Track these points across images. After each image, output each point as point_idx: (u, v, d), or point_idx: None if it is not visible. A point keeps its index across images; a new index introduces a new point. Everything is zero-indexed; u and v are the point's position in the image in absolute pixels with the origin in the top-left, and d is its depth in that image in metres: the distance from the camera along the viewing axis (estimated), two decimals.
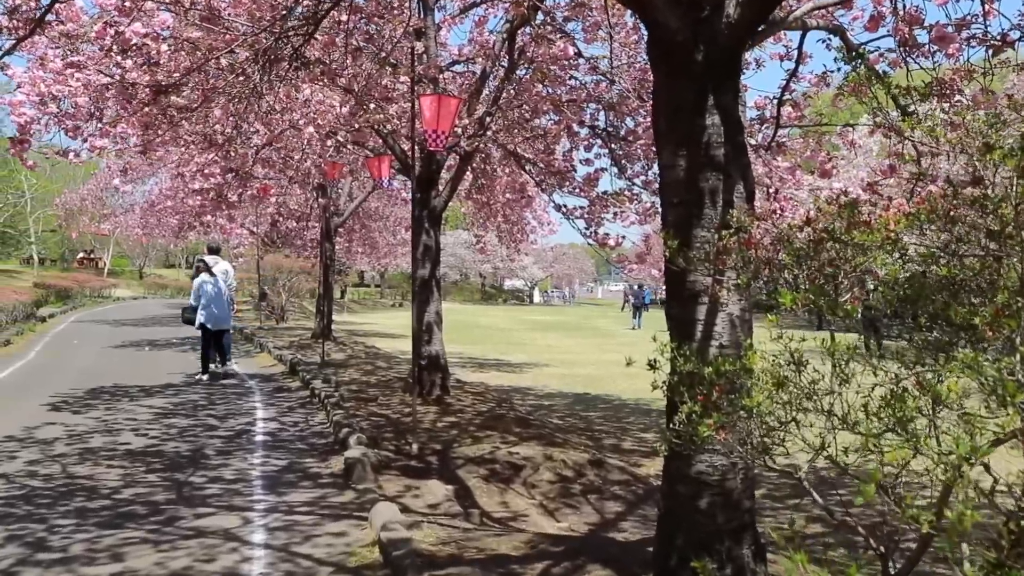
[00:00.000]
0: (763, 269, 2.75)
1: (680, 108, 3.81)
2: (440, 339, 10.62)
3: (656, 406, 12.76)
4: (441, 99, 6.68)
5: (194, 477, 7.10)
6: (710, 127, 3.77)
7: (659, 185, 4.01)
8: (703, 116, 3.76)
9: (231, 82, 6.28)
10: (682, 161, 3.79)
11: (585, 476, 7.63)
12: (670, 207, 3.88)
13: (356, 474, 6.94)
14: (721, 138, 3.77)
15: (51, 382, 12.64)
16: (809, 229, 2.59)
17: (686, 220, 3.78)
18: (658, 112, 3.95)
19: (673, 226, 3.80)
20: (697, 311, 3.79)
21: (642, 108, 9.24)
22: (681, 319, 3.85)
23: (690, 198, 3.78)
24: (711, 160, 3.75)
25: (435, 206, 10.28)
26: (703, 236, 3.76)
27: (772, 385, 2.51)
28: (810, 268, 2.69)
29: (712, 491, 3.81)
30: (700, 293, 3.78)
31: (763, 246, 2.80)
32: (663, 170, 3.92)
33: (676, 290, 3.87)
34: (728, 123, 3.78)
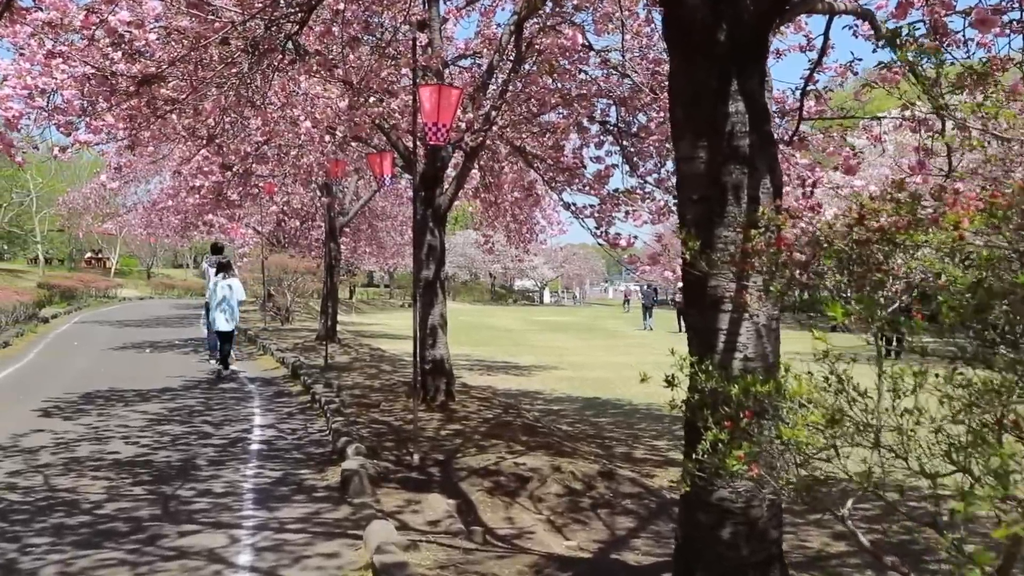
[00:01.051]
0: (799, 274, 2.36)
1: (700, 95, 3.43)
2: (445, 343, 10.24)
3: (667, 411, 12.36)
4: (441, 90, 6.29)
5: (182, 490, 6.73)
6: (734, 115, 3.39)
7: (676, 180, 3.63)
8: (726, 103, 3.38)
9: (220, 72, 5.92)
10: (702, 153, 3.41)
11: (595, 489, 7.25)
12: (689, 204, 3.50)
13: (353, 487, 6.57)
14: (746, 127, 3.39)
15: (46, 386, 12.32)
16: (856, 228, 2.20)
17: (707, 218, 3.40)
18: (675, 100, 3.57)
19: (692, 225, 3.42)
20: (719, 319, 3.41)
21: (655, 103, 8.86)
22: (701, 328, 3.47)
23: (711, 194, 3.40)
24: (735, 151, 3.37)
25: (439, 204, 9.91)
26: (726, 236, 3.38)
27: (823, 420, 2.12)
28: (854, 273, 2.30)
29: (736, 520, 3.42)
30: (723, 299, 3.40)
31: (797, 248, 2.41)
32: (681, 163, 3.54)
33: (696, 296, 3.49)
34: (753, 111, 3.40)
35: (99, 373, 13.94)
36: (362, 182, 20.25)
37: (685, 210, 3.53)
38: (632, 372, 13.64)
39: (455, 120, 6.62)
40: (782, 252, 2.43)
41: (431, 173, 9.78)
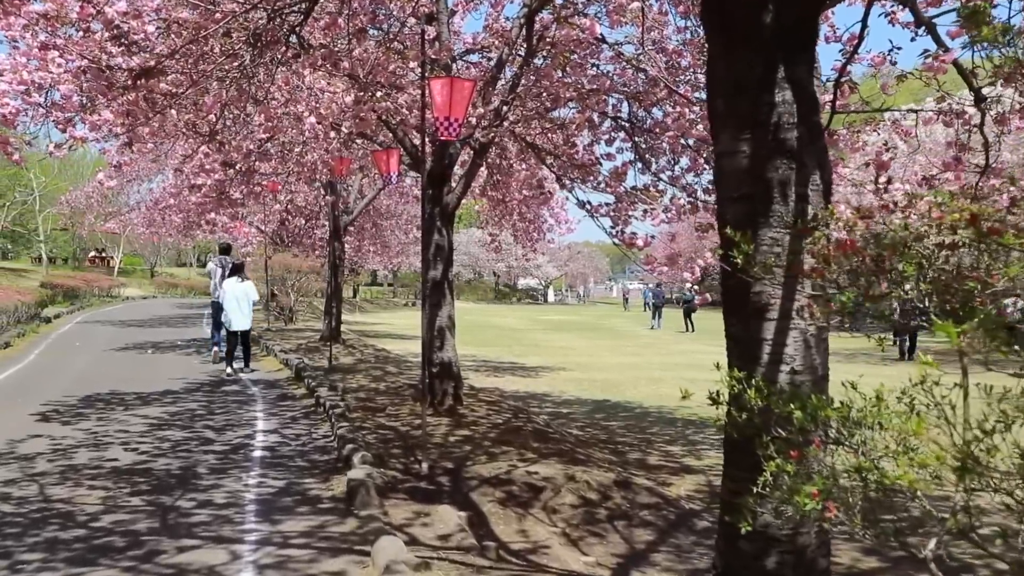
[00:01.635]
0: (877, 282, 2.07)
1: (743, 84, 3.15)
2: (453, 345, 9.96)
3: (680, 415, 12.10)
4: (454, 82, 5.99)
5: (182, 500, 6.46)
6: (780, 105, 3.10)
7: (715, 177, 3.34)
8: (771, 92, 3.09)
9: (220, 64, 5.64)
10: (745, 147, 3.12)
11: (611, 499, 6.97)
12: (729, 203, 3.21)
13: (360, 498, 6.29)
14: (793, 118, 3.10)
15: (45, 388, 12.06)
16: (942, 229, 1.91)
17: (749, 218, 3.12)
18: (715, 89, 3.29)
19: (733, 225, 3.12)
20: (763, 329, 3.13)
21: (670, 97, 8.56)
22: (743, 339, 3.18)
23: (755, 191, 3.11)
24: (781, 145, 3.09)
25: (447, 203, 9.61)
26: (771, 237, 3.09)
27: (955, 468, 1.82)
28: (939, 281, 2.02)
29: (782, 548, 3.13)
30: (767, 307, 3.11)
31: (870, 252, 2.12)
32: (720, 158, 3.26)
33: (737, 304, 3.20)
34: (801, 100, 3.11)
35: (100, 375, 13.68)
36: (366, 180, 19.96)
37: (725, 209, 3.24)
38: (641, 373, 13.53)
39: (467, 115, 6.34)
40: (853, 257, 2.15)
41: (439, 171, 9.50)
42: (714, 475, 8.52)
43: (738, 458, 3.19)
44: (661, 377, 16.60)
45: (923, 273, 1.99)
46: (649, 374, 17.10)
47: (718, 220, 3.32)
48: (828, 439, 2.25)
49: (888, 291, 2.02)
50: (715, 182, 3.35)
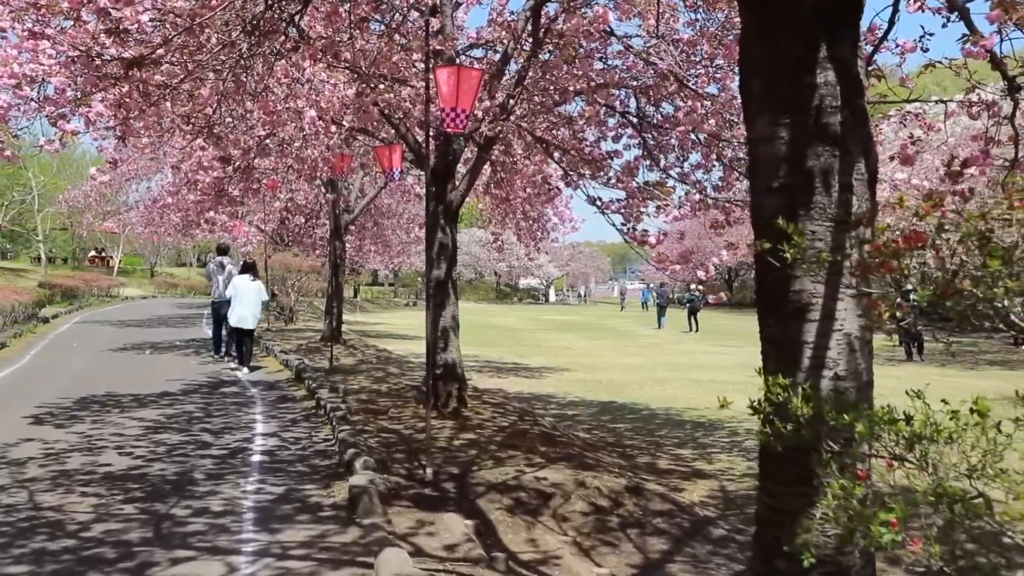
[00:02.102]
0: (958, 281, 1.82)
1: (782, 63, 2.89)
2: (457, 346, 9.70)
3: (688, 416, 11.86)
4: (461, 71, 5.73)
5: (177, 508, 6.20)
6: (822, 87, 2.85)
7: (749, 166, 3.09)
8: (812, 73, 2.84)
9: (216, 55, 5.39)
10: (783, 132, 2.87)
11: (623, 506, 6.72)
12: (765, 193, 2.96)
13: (362, 506, 6.04)
14: (837, 101, 2.85)
15: (40, 390, 11.81)
16: None
17: (788, 210, 2.86)
18: (749, 71, 3.04)
19: (769, 219, 2.87)
20: (804, 331, 2.88)
21: (681, 91, 8.32)
22: (781, 341, 2.93)
23: (794, 181, 2.86)
24: (823, 130, 2.84)
25: (451, 200, 9.36)
26: (813, 231, 2.84)
27: None
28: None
29: (824, 569, 2.87)
30: (808, 306, 2.86)
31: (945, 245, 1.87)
32: (756, 145, 3.01)
33: (774, 303, 2.95)
34: (845, 82, 2.86)
35: (96, 376, 13.42)
36: (368, 179, 19.71)
37: (760, 200, 2.99)
38: (645, 374, 13.27)
39: (475, 106, 6.08)
40: (918, 250, 1.89)
41: (442, 167, 9.25)
42: (727, 480, 8.28)
43: (777, 471, 2.94)
44: (666, 378, 16.37)
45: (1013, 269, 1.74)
46: (654, 375, 16.86)
47: (752, 212, 3.07)
48: (892, 455, 1.99)
49: (973, 287, 1.77)
50: (749, 171, 3.10)
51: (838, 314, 2.84)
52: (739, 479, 8.33)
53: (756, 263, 3.02)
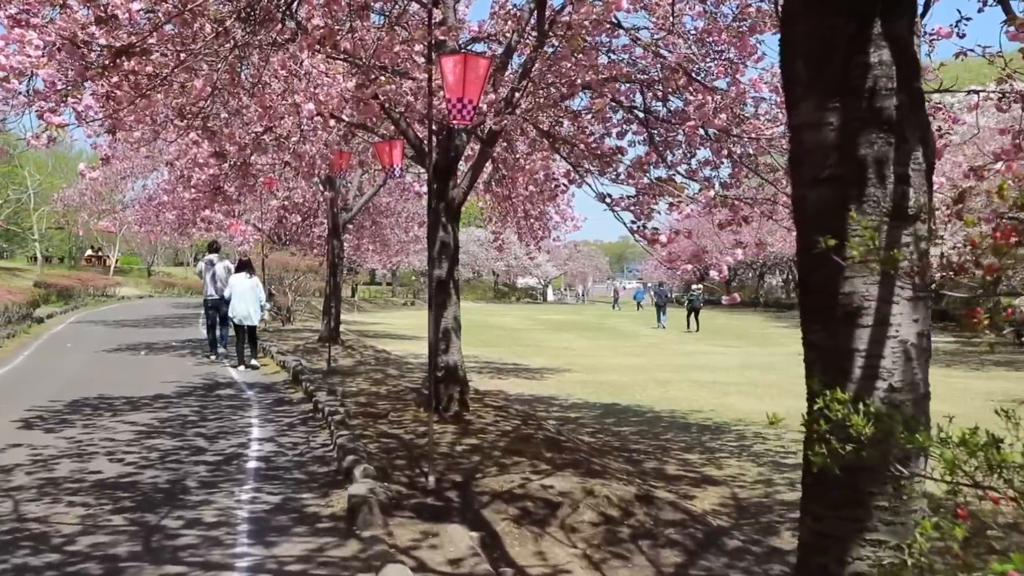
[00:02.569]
0: None
1: (831, 42, 2.62)
2: (458, 347, 9.42)
3: (693, 419, 11.61)
4: (467, 60, 5.43)
5: (168, 519, 5.92)
6: (876, 67, 2.58)
7: (791, 156, 2.82)
8: (865, 52, 2.57)
9: (209, 43, 5.11)
10: (833, 118, 2.60)
11: (633, 516, 6.44)
12: (811, 185, 2.69)
13: (362, 517, 5.76)
14: (892, 82, 2.58)
15: (31, 393, 11.52)
16: None
17: (837, 203, 2.59)
18: (793, 51, 2.76)
19: (815, 213, 2.60)
20: (855, 337, 2.60)
21: (690, 85, 8.04)
22: (828, 348, 2.66)
23: (844, 172, 2.59)
24: (877, 115, 2.57)
25: (453, 198, 9.08)
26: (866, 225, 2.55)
27: None
28: None
29: None
30: (860, 311, 2.58)
31: None
32: (800, 132, 2.73)
33: (821, 306, 2.67)
34: (901, 62, 2.59)
35: (89, 378, 13.14)
36: (366, 177, 19.43)
37: (805, 193, 2.72)
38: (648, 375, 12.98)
39: (482, 97, 5.80)
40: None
41: (444, 164, 8.97)
42: (738, 487, 8.02)
43: (823, 492, 2.66)
44: (669, 379, 16.11)
45: None
46: (656, 376, 16.61)
47: (795, 206, 2.79)
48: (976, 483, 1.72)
49: None
50: (792, 161, 2.82)
51: (893, 319, 2.57)
52: (751, 486, 8.07)
53: (800, 262, 2.75)
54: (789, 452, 9.51)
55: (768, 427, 11.23)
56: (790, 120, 2.79)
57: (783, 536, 6.62)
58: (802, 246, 2.72)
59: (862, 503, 2.54)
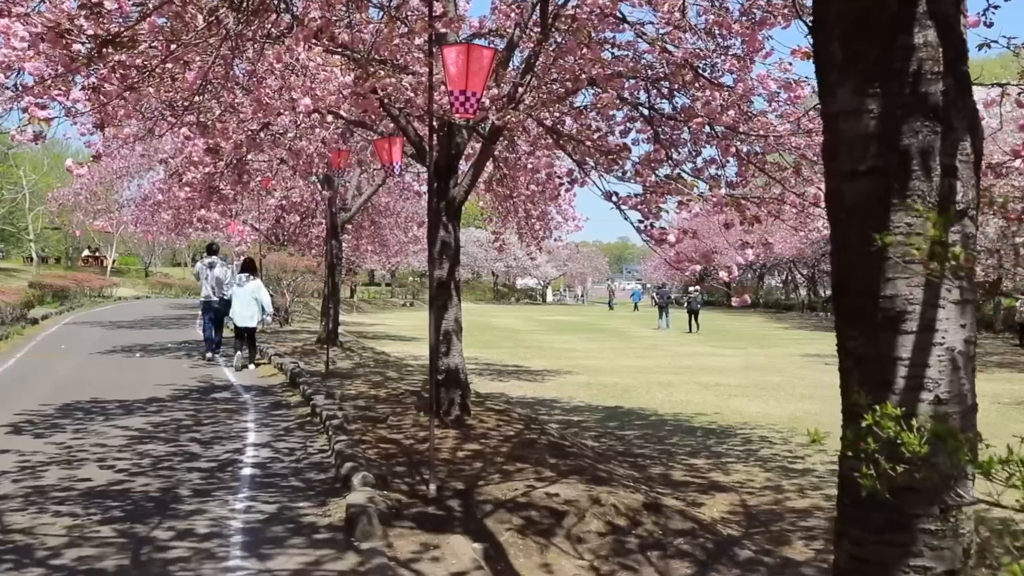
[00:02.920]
0: None
1: (871, 21, 2.41)
2: (460, 350, 9.20)
3: (698, 422, 11.41)
4: (471, 50, 5.21)
5: (159, 530, 5.70)
6: (920, 48, 2.36)
7: (825, 146, 2.60)
8: (909, 32, 2.36)
9: (200, 32, 4.89)
10: (873, 104, 2.38)
11: (641, 525, 6.22)
12: (848, 178, 2.47)
13: (361, 528, 5.54)
14: (938, 66, 2.37)
15: (22, 396, 11.29)
16: None
17: (878, 198, 2.37)
18: (828, 32, 2.54)
19: (852, 209, 2.39)
20: (898, 344, 2.38)
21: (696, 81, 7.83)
22: (868, 356, 2.44)
23: (885, 163, 2.37)
24: (922, 101, 2.35)
25: (454, 197, 8.86)
26: (909, 223, 2.35)
27: None
28: None
29: None
30: (903, 315, 2.37)
31: None
32: (836, 121, 2.51)
33: (859, 310, 2.46)
34: (947, 43, 2.38)
35: (82, 381, 12.91)
36: (365, 176, 19.21)
37: (842, 186, 2.50)
38: (650, 377, 12.78)
39: (486, 89, 5.57)
40: None
41: (445, 162, 8.75)
42: (746, 493, 7.81)
43: (864, 516, 2.44)
44: (671, 381, 15.92)
45: None
46: (659, 378, 16.41)
47: (829, 201, 2.57)
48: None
49: None
50: (826, 153, 2.60)
51: (939, 324, 2.35)
52: (759, 492, 7.86)
53: (835, 262, 2.54)
54: (797, 457, 9.31)
55: (774, 431, 11.10)
56: (824, 108, 2.57)
57: (795, 546, 6.41)
58: (838, 244, 2.51)
59: (906, 527, 2.33)
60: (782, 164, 8.63)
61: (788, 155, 8.38)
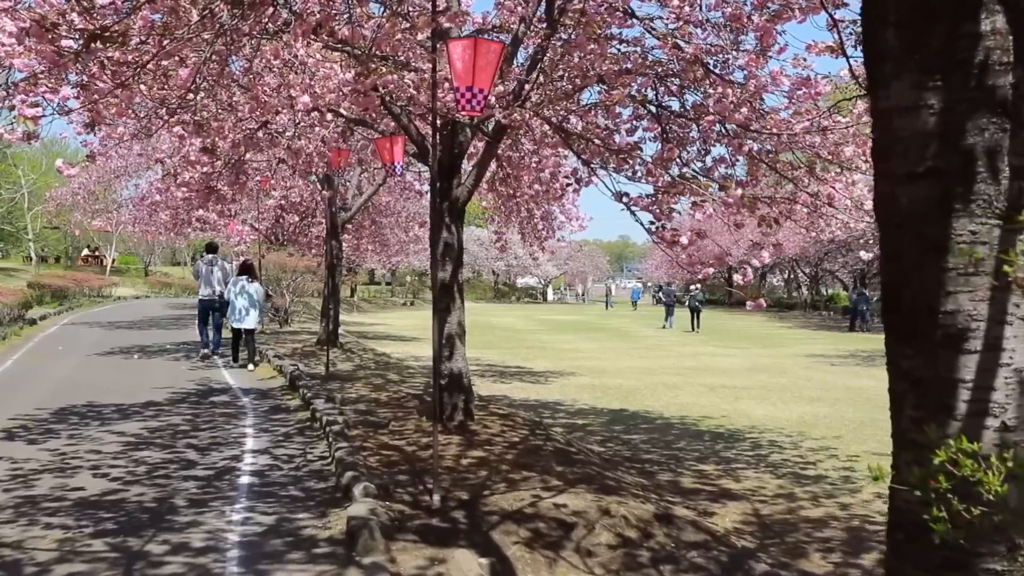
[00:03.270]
0: None
1: (932, 6, 2.17)
2: (463, 354, 8.98)
3: (705, 426, 11.19)
4: (478, 44, 4.97)
5: (153, 544, 5.47)
6: (988, 36, 2.14)
7: (876, 146, 2.37)
8: (975, 18, 2.13)
9: (194, 25, 4.66)
10: (933, 99, 2.16)
11: (653, 537, 6.00)
12: (905, 181, 2.24)
13: (362, 542, 5.31)
14: (1008, 56, 2.15)
15: (17, 400, 11.06)
16: None
17: (938, 203, 2.15)
18: (881, 19, 2.32)
19: (909, 215, 2.16)
20: (960, 365, 2.16)
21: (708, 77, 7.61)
22: (925, 378, 2.21)
23: (947, 164, 2.15)
24: (989, 95, 2.13)
25: (457, 197, 8.63)
26: (972, 231, 2.12)
27: None
28: None
29: None
30: (965, 333, 2.14)
31: None
32: (888, 118, 2.28)
33: (915, 327, 2.23)
34: (1019, 32, 2.14)
35: (79, 383, 12.68)
36: (365, 175, 18.98)
37: (896, 190, 2.27)
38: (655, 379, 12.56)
39: (494, 85, 5.33)
40: None
41: (448, 161, 8.52)
42: (759, 501, 7.60)
43: (922, 553, 2.22)
44: (676, 383, 15.71)
45: None
46: (664, 380, 16.19)
47: (881, 206, 2.35)
48: None
49: None
50: (878, 153, 2.37)
51: (1006, 343, 2.13)
52: (772, 500, 7.64)
53: (886, 273, 2.31)
54: (808, 463, 9.10)
55: (783, 435, 10.88)
56: (875, 103, 2.35)
57: (812, 559, 6.19)
58: (889, 254, 2.29)
59: (968, 566, 2.11)
60: (795, 163, 8.41)
61: (801, 154, 8.15)
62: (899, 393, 2.33)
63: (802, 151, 7.97)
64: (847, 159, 7.94)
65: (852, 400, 13.71)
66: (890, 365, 2.36)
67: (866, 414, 12.15)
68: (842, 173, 8.16)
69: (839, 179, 8.22)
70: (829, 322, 42.13)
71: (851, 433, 10.77)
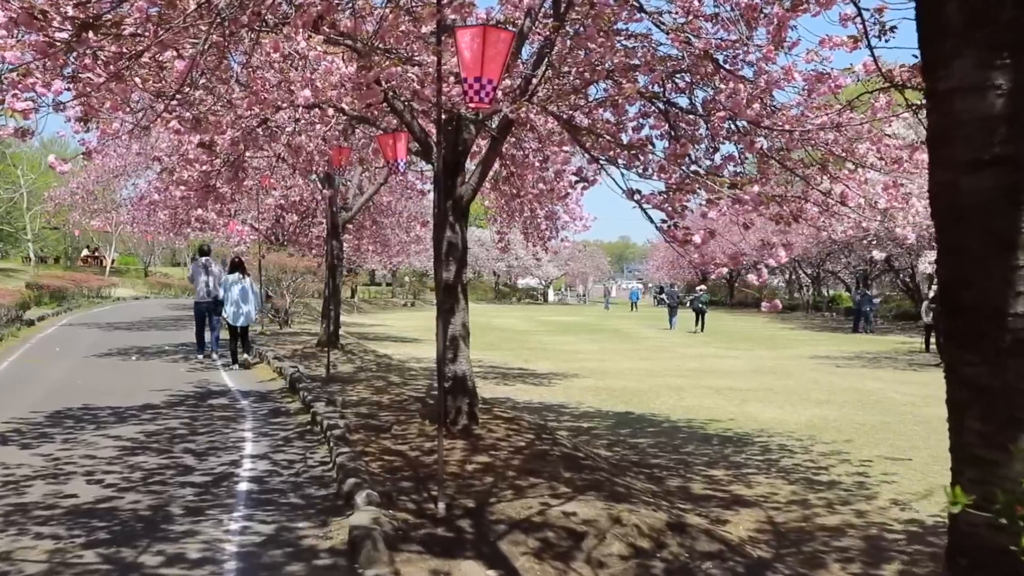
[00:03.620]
0: None
1: None
2: (467, 356, 8.77)
3: (713, 429, 10.98)
4: (487, 32, 4.75)
5: (147, 554, 5.26)
6: None
7: (934, 131, 2.16)
8: None
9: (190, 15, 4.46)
10: (1001, 79, 1.96)
11: (666, 547, 5.79)
12: (968, 170, 2.04)
13: (365, 553, 5.10)
14: None
15: (12, 402, 10.86)
16: None
17: (1007, 192, 1.94)
18: None
19: (971, 207, 1.95)
20: None
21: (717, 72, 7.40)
22: (992, 387, 2.00)
23: (1017, 151, 1.94)
24: None
25: (461, 195, 8.42)
26: None
27: None
28: None
29: None
30: None
31: None
32: (950, 100, 2.08)
33: (978, 330, 2.02)
34: None
35: (75, 386, 12.48)
36: (366, 175, 18.78)
37: (957, 180, 2.06)
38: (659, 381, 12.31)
39: (503, 76, 5.13)
40: None
41: (452, 159, 8.32)
42: (772, 508, 7.38)
43: None
44: (682, 385, 15.50)
45: None
46: (668, 382, 15.98)
47: (939, 197, 2.14)
48: None
49: None
50: (935, 139, 2.17)
51: None
52: (786, 507, 7.43)
53: (945, 271, 2.11)
54: (820, 468, 8.88)
55: (793, 439, 10.67)
56: (933, 85, 2.14)
57: (832, 569, 5.98)
58: (949, 250, 2.08)
59: None
60: (807, 161, 8.20)
61: (814, 151, 7.94)
62: (960, 403, 2.12)
63: (814, 148, 7.76)
64: (861, 156, 7.73)
65: (861, 403, 13.50)
66: (949, 372, 2.16)
67: (876, 417, 11.94)
68: (856, 171, 7.96)
69: (852, 177, 8.01)
70: (832, 323, 41.94)
71: (862, 437, 10.56)
